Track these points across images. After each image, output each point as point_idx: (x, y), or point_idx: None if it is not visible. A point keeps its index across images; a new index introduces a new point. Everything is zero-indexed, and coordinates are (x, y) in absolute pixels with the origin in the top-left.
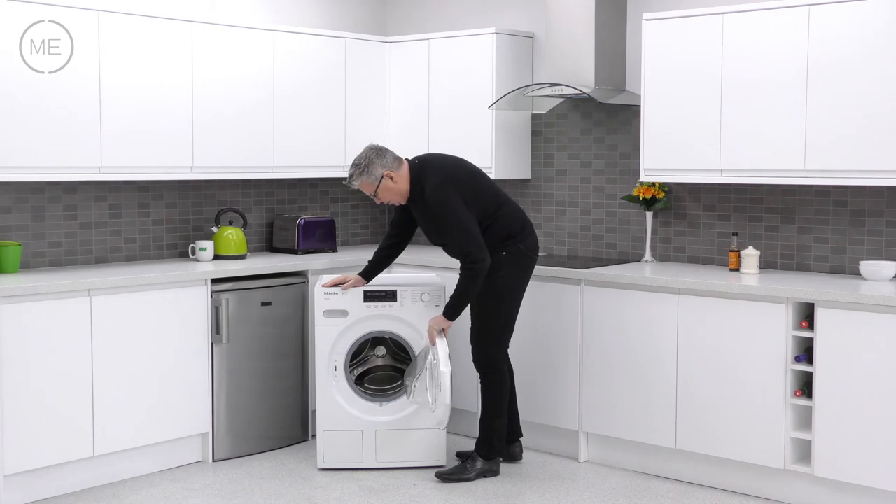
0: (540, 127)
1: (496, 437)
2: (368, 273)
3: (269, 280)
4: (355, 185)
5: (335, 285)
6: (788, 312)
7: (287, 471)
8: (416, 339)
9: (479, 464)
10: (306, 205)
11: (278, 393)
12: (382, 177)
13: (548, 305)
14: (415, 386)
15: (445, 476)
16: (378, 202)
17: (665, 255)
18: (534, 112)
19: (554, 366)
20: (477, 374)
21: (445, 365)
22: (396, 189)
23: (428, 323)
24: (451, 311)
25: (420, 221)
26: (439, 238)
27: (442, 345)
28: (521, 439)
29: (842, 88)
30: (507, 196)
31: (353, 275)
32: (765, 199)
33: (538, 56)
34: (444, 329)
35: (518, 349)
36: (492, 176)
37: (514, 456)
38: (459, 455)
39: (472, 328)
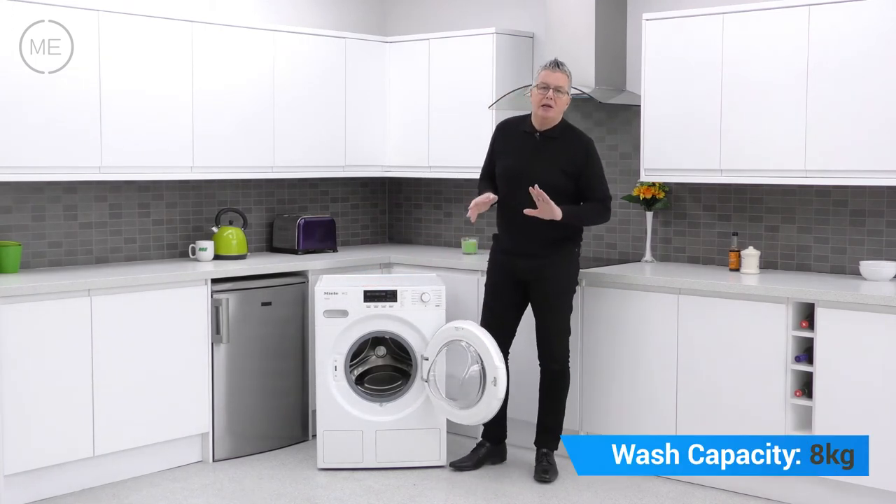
0: None
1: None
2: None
3: (269, 280)
4: (565, 69)
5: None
6: (788, 312)
7: (287, 471)
8: (416, 339)
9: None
10: (306, 205)
11: (278, 393)
12: (569, 93)
13: None
14: (465, 377)
15: (547, 479)
16: (546, 101)
17: (665, 255)
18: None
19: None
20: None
21: (500, 360)
22: (563, 108)
23: (550, 204)
24: (568, 215)
25: (537, 161)
26: (565, 175)
27: (491, 340)
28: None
29: (842, 88)
30: None
31: (484, 196)
32: (765, 199)
33: (538, 56)
34: (546, 210)
35: (519, 350)
36: None
37: (502, 456)
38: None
39: (546, 325)
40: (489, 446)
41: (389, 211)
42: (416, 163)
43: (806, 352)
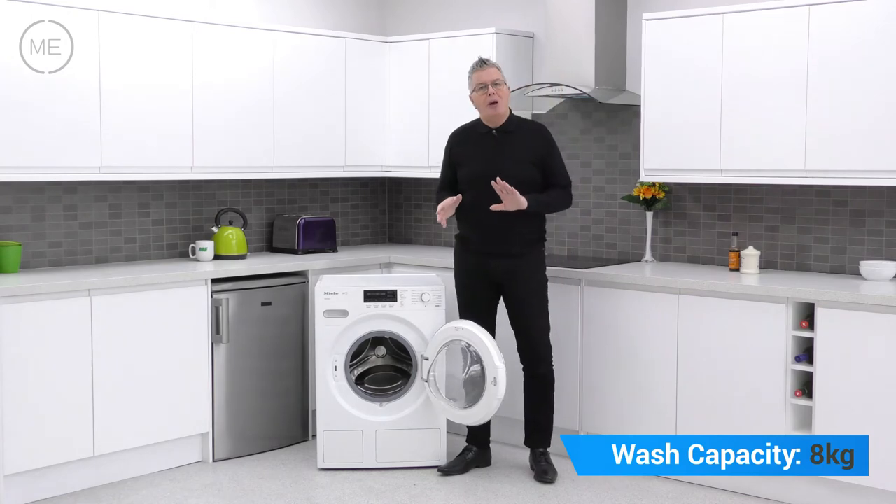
0: None
1: None
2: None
3: (269, 280)
4: (492, 63)
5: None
6: (788, 312)
7: (287, 471)
8: (416, 339)
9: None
10: (306, 205)
11: (278, 393)
12: (506, 82)
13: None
14: (463, 378)
15: (549, 479)
16: (491, 98)
17: (665, 255)
18: (534, 112)
19: (554, 366)
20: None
21: (500, 360)
22: (507, 99)
23: (515, 195)
24: (535, 203)
25: (502, 157)
26: (532, 165)
27: (491, 340)
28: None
29: (842, 88)
30: None
31: (449, 199)
32: (765, 199)
33: (538, 56)
34: (511, 201)
35: (514, 349)
36: None
37: (488, 460)
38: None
39: (529, 325)
40: (476, 450)
41: (389, 211)
42: (416, 163)
43: (806, 352)
